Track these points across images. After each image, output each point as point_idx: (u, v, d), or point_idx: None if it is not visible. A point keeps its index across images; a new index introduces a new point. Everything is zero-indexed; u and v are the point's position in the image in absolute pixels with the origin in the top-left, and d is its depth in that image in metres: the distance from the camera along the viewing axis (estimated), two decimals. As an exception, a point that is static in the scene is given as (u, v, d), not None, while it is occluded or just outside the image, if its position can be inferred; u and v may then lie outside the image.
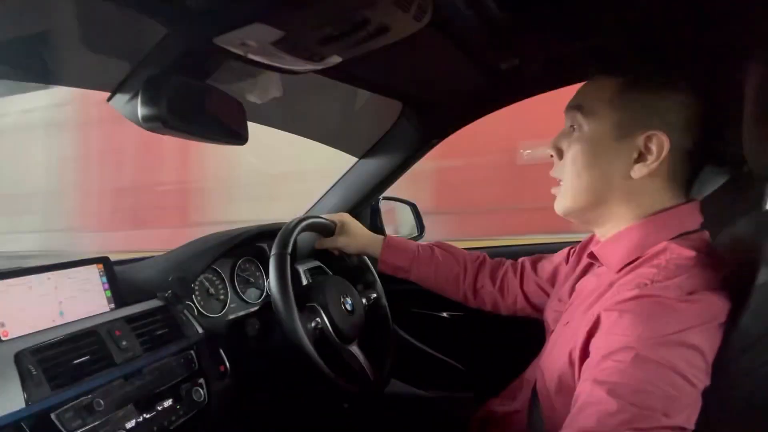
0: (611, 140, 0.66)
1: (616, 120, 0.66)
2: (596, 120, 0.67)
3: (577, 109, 0.70)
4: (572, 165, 0.70)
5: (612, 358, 0.54)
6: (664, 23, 0.92)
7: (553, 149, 0.74)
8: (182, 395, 0.92)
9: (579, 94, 0.72)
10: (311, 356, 0.88)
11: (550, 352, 0.70)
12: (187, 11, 0.68)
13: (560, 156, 0.73)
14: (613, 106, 0.66)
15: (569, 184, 0.71)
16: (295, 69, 0.91)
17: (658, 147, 0.63)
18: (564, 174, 0.72)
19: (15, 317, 0.83)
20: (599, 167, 0.67)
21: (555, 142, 0.74)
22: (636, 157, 0.65)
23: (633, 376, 0.52)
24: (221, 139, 0.94)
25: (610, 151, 0.67)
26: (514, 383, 0.92)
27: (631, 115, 0.65)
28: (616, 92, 0.67)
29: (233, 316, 1.18)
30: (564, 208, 0.73)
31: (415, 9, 0.73)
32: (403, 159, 1.47)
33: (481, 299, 1.06)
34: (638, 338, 0.53)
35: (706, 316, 0.55)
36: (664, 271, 0.58)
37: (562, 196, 0.73)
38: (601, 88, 0.69)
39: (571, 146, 0.70)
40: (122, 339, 0.87)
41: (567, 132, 0.72)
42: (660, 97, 0.65)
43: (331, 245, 1.12)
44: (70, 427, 0.73)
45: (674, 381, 0.51)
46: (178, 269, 1.08)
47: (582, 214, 0.72)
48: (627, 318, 0.56)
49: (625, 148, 0.65)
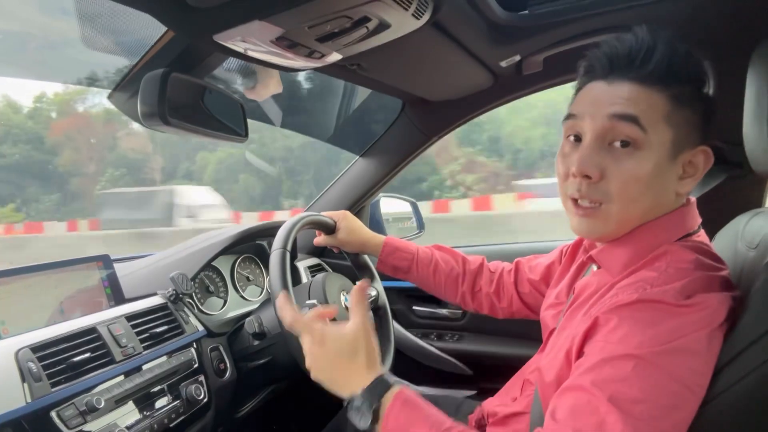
0: (668, 159, 0.61)
1: (672, 138, 0.60)
2: (656, 138, 0.60)
3: (634, 121, 0.59)
4: (628, 187, 0.60)
5: (612, 364, 0.53)
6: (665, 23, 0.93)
7: (591, 169, 0.61)
8: (182, 393, 0.93)
9: (628, 104, 0.60)
10: None
11: (549, 352, 0.70)
12: (187, 9, 0.68)
13: (601, 176, 0.61)
14: (669, 123, 0.60)
15: (621, 207, 0.62)
16: (295, 66, 0.91)
17: (704, 162, 0.62)
18: (609, 197, 0.62)
19: (15, 315, 0.83)
20: (657, 190, 0.61)
21: (594, 160, 0.61)
22: (681, 173, 0.62)
23: (633, 385, 0.51)
24: (220, 135, 0.94)
25: (667, 173, 0.61)
26: (513, 382, 0.92)
27: (684, 132, 0.61)
28: (670, 108, 0.60)
29: (233, 314, 1.18)
30: (605, 233, 0.65)
31: (415, 7, 0.73)
32: (403, 156, 1.47)
33: (479, 302, 1.06)
34: (639, 346, 0.53)
35: (707, 321, 0.54)
36: (664, 275, 0.58)
37: (604, 221, 0.63)
38: (653, 101, 0.60)
39: (623, 165, 0.60)
40: (122, 337, 0.87)
41: (602, 146, 0.62)
42: (698, 111, 0.62)
43: (331, 243, 1.12)
44: (70, 425, 0.73)
45: (674, 390, 0.51)
46: (178, 267, 1.08)
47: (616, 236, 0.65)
48: (627, 324, 0.55)
49: (675, 166, 0.62)
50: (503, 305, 1.03)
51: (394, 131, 1.45)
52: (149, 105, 0.79)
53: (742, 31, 0.91)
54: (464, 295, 1.06)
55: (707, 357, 0.54)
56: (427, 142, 1.43)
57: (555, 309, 0.80)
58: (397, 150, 1.47)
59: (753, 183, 1.07)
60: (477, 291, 1.05)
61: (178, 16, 0.72)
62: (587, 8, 0.92)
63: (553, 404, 0.56)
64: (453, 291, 1.06)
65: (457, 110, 1.35)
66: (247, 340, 1.07)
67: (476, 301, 1.06)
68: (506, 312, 1.03)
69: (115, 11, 0.77)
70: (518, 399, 0.85)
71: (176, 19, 0.73)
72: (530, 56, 1.09)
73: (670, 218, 0.64)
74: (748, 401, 0.53)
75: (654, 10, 0.90)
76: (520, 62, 1.11)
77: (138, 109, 0.80)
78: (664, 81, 0.60)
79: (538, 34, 1.00)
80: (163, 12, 0.72)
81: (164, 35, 0.84)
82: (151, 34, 0.82)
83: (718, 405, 0.53)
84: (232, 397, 1.10)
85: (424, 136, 1.42)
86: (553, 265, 0.95)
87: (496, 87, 1.23)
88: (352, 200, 1.53)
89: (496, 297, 1.03)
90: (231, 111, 0.96)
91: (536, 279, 0.98)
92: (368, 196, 1.55)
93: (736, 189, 1.04)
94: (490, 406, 0.90)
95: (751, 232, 0.68)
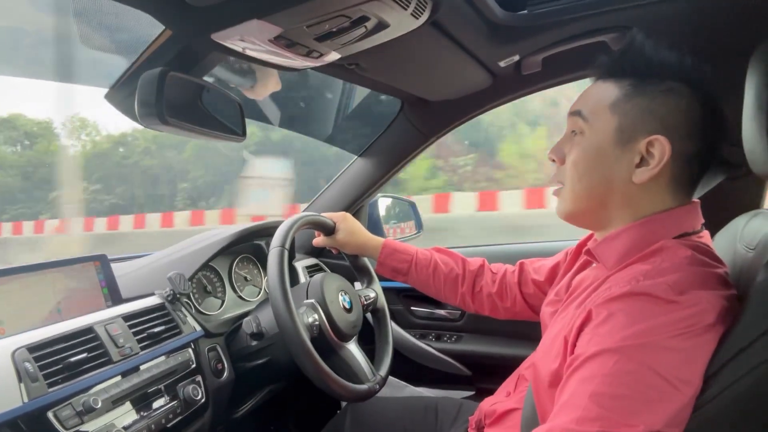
0: (613, 145, 0.66)
1: (617, 125, 0.66)
2: (597, 125, 0.68)
3: (578, 114, 0.70)
4: (573, 169, 0.70)
5: (596, 360, 0.54)
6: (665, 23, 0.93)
7: (555, 154, 0.74)
8: (180, 393, 0.92)
9: (580, 99, 0.72)
10: (309, 352, 0.87)
11: (544, 348, 0.70)
12: (185, 7, 0.67)
13: (562, 161, 0.73)
14: (614, 111, 0.66)
15: (570, 187, 0.71)
16: (294, 66, 0.91)
17: (659, 152, 0.63)
18: (565, 178, 0.72)
19: (12, 315, 0.83)
20: (600, 171, 0.67)
21: (557, 146, 0.74)
22: (638, 161, 0.65)
23: (614, 380, 0.52)
24: (219, 135, 0.93)
25: (612, 156, 0.66)
26: (510, 379, 0.93)
27: (632, 120, 0.65)
28: (617, 97, 0.66)
29: (231, 314, 1.17)
30: (565, 211, 0.73)
31: (414, 6, 0.73)
32: (402, 156, 1.47)
33: (480, 303, 1.06)
34: (623, 340, 0.53)
35: (696, 318, 0.54)
36: (657, 268, 0.58)
37: (563, 199, 0.73)
38: (602, 93, 0.68)
39: (572, 150, 0.70)
40: (119, 337, 0.87)
41: (569, 137, 0.72)
42: (661, 102, 0.64)
43: (330, 243, 1.12)
44: (67, 425, 0.73)
45: (657, 385, 0.51)
46: (175, 267, 1.07)
47: (582, 217, 0.73)
48: (614, 319, 0.55)
49: (627, 152, 0.65)
50: (506, 305, 1.03)
51: (392, 131, 1.45)
52: (147, 104, 0.78)
53: (742, 31, 0.91)
54: (464, 297, 1.06)
55: (695, 355, 0.54)
56: (425, 142, 1.43)
57: (553, 306, 0.80)
58: (396, 150, 1.46)
59: (752, 184, 1.07)
60: (477, 292, 1.05)
61: (177, 15, 0.72)
62: (586, 8, 0.92)
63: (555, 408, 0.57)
64: (453, 292, 1.06)
65: (456, 110, 1.35)
66: (245, 341, 1.07)
67: (477, 301, 1.05)
68: (509, 312, 1.03)
69: (112, 9, 0.77)
70: (512, 395, 0.86)
71: (174, 18, 0.73)
72: (529, 56, 1.09)
73: (670, 215, 0.65)
74: (747, 401, 0.53)
75: (653, 11, 0.90)
76: (519, 62, 1.11)
77: (135, 108, 0.79)
78: (615, 74, 0.68)
79: (537, 34, 1.00)
80: (161, 10, 0.71)
81: (162, 34, 0.83)
82: (149, 32, 0.82)
83: (717, 404, 0.53)
84: (230, 397, 1.09)
85: (423, 136, 1.42)
86: (557, 266, 0.95)
87: (494, 87, 1.23)
88: (351, 200, 1.53)
89: (498, 297, 1.03)
90: (229, 110, 0.95)
91: (541, 280, 0.98)
92: (366, 196, 1.55)
93: (735, 190, 1.05)
94: (487, 405, 0.90)
95: (750, 233, 0.68)
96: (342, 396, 0.92)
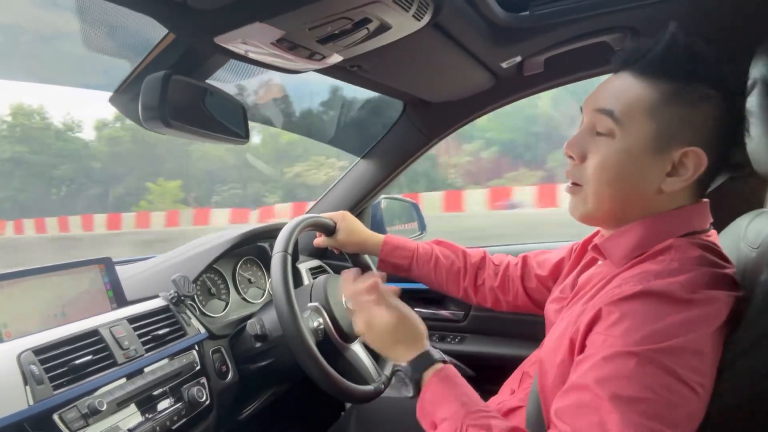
0: (646, 152, 0.62)
1: (654, 133, 0.62)
2: (632, 129, 0.63)
3: (608, 114, 0.64)
4: (600, 172, 0.65)
5: (614, 362, 0.53)
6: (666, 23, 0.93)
7: (573, 150, 0.68)
8: (184, 395, 0.93)
9: (607, 96, 0.66)
10: (314, 356, 0.87)
11: (550, 345, 0.70)
12: (188, 11, 0.68)
13: (581, 158, 0.68)
14: (652, 117, 0.62)
15: (594, 189, 0.66)
16: (296, 68, 0.91)
17: (694, 164, 0.61)
18: (586, 179, 0.67)
19: (17, 318, 0.83)
20: (631, 179, 0.64)
21: (576, 142, 0.68)
22: (669, 170, 0.63)
23: (634, 383, 0.51)
24: (222, 138, 0.94)
25: (644, 164, 0.63)
26: (513, 377, 0.92)
27: (670, 128, 0.61)
28: (656, 101, 0.62)
29: (235, 316, 1.18)
30: (584, 212, 0.69)
31: (416, 8, 0.73)
32: (404, 158, 1.47)
33: (483, 296, 1.06)
34: (641, 342, 0.52)
35: (710, 318, 0.54)
36: (668, 268, 0.57)
37: (582, 201, 0.68)
38: (635, 93, 0.63)
39: (598, 152, 0.65)
40: (124, 339, 0.87)
41: (590, 134, 0.67)
42: (699, 111, 0.62)
43: (331, 244, 1.12)
44: (72, 427, 0.73)
45: (676, 388, 0.51)
46: (179, 269, 1.08)
47: (600, 219, 0.70)
48: (629, 318, 0.54)
49: (659, 162, 0.62)
50: (508, 298, 1.02)
51: (395, 133, 1.45)
52: (150, 107, 0.79)
53: (744, 31, 0.90)
54: (467, 290, 1.06)
55: (710, 355, 0.53)
56: (428, 143, 1.43)
57: (558, 303, 0.80)
58: (398, 151, 1.47)
59: (755, 184, 1.07)
60: (480, 285, 1.05)
61: (179, 19, 0.72)
62: (588, 9, 0.92)
63: (557, 403, 0.56)
64: (455, 286, 1.06)
65: (458, 111, 1.35)
66: (249, 342, 1.07)
67: (479, 294, 1.05)
68: (511, 305, 1.03)
69: (116, 13, 0.77)
70: (516, 392, 0.86)
71: (177, 22, 0.74)
72: (531, 57, 1.09)
73: (678, 213, 0.64)
74: (752, 400, 0.52)
75: (655, 11, 0.90)
76: (521, 63, 1.11)
77: (139, 111, 0.80)
78: (657, 75, 0.62)
79: (539, 34, 1.00)
80: (163, 14, 0.72)
81: (165, 37, 0.84)
82: (153, 36, 0.82)
83: (723, 404, 0.53)
84: (234, 399, 1.09)
85: (425, 138, 1.42)
86: (562, 262, 0.94)
87: (497, 88, 1.23)
88: (354, 201, 1.53)
89: (501, 291, 1.03)
90: (232, 113, 0.96)
91: (544, 274, 0.97)
92: (370, 197, 1.55)
93: (739, 189, 1.04)
94: (493, 405, 0.90)
95: (753, 233, 0.68)
96: (348, 398, 0.92)
